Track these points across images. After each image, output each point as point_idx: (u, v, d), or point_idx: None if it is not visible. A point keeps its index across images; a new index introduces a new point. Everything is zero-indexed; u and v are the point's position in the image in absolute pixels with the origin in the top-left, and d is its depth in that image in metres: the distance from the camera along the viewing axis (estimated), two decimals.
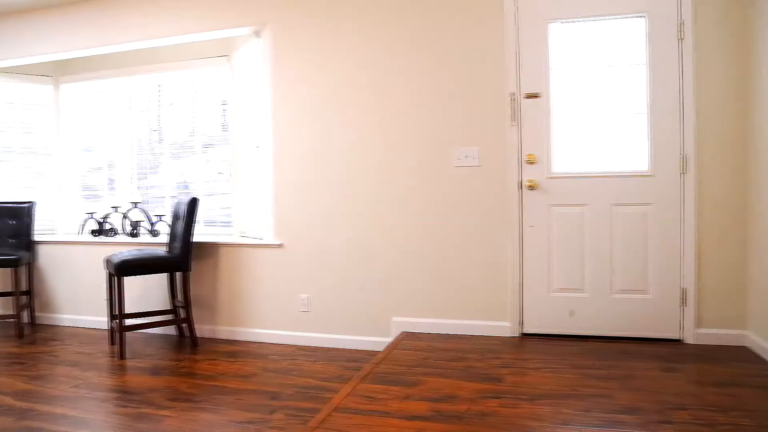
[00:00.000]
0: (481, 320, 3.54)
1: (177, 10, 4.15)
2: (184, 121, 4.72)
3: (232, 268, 4.06)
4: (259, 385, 3.04)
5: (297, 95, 3.86)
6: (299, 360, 3.50)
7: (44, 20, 4.61)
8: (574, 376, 2.75)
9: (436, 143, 3.58)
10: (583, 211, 3.40)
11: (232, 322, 4.07)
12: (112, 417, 2.66)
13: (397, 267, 3.67)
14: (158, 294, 4.32)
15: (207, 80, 4.61)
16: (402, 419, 2.30)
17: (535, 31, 3.42)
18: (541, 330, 3.48)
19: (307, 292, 3.85)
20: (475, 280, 3.54)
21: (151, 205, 4.84)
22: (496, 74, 3.47)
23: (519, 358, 3.08)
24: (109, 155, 5.00)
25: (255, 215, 4.21)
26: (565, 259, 3.43)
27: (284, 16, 3.87)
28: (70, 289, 4.64)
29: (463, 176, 3.54)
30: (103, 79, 4.94)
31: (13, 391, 3.02)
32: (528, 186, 3.46)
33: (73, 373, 3.33)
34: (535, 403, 2.43)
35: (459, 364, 2.98)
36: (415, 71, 3.61)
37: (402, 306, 3.67)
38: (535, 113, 3.44)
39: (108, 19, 4.39)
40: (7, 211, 4.69)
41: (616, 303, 3.36)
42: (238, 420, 2.58)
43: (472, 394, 2.56)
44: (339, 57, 3.76)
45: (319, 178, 3.82)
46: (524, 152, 3.46)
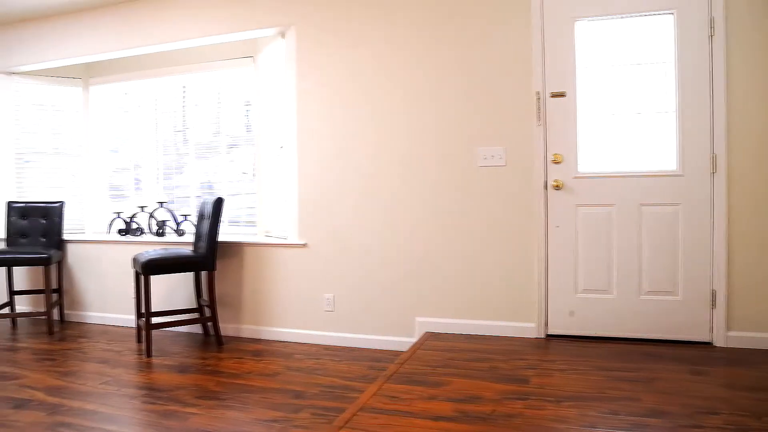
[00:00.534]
0: (506, 321, 3.52)
1: (204, 12, 4.20)
2: (208, 121, 4.77)
3: (257, 267, 4.09)
4: (284, 384, 3.06)
5: (321, 95, 3.88)
6: (324, 359, 3.52)
7: (74, 23, 4.71)
8: (600, 378, 2.72)
9: (460, 143, 3.57)
10: (610, 212, 3.36)
11: (257, 321, 4.10)
12: (140, 414, 2.70)
13: (421, 267, 3.67)
14: (184, 293, 4.37)
15: (231, 81, 4.65)
16: (427, 420, 2.29)
17: (562, 29, 3.39)
18: (567, 331, 3.45)
19: (331, 291, 3.87)
20: (499, 280, 3.52)
21: (176, 204, 4.90)
22: (521, 73, 3.45)
23: (544, 360, 3.05)
24: (135, 156, 5.08)
25: (279, 215, 4.24)
26: (591, 259, 3.39)
27: (309, 16, 3.89)
28: (98, 287, 4.73)
29: (488, 176, 3.52)
30: (130, 81, 5.02)
31: (44, 387, 3.09)
32: (554, 186, 3.42)
33: (102, 370, 3.39)
34: (560, 405, 2.41)
35: (483, 365, 2.97)
36: (439, 70, 3.60)
37: (426, 306, 3.66)
38: (561, 112, 3.40)
39: (136, 22, 4.46)
40: (39, 211, 4.80)
41: (643, 304, 3.31)
42: (264, 418, 2.60)
43: (497, 396, 2.54)
44: (363, 57, 3.76)
45: (343, 178, 3.83)
46: (550, 152, 3.43)
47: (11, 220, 4.75)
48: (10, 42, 4.98)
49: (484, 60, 3.51)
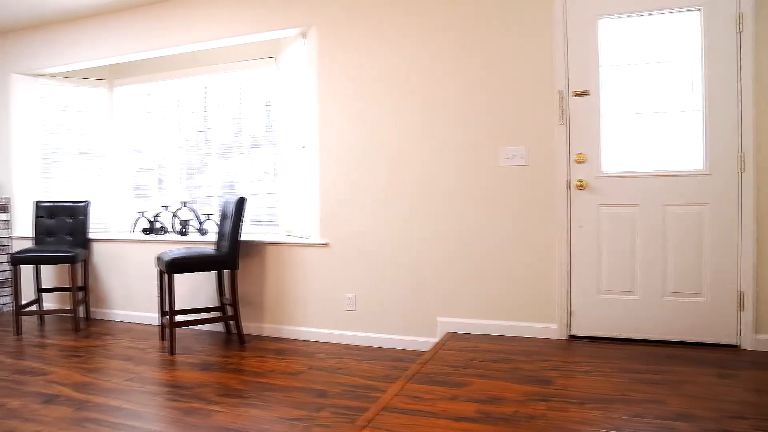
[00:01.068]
0: (528, 322, 3.50)
1: (226, 13, 4.24)
2: (230, 121, 4.81)
3: (279, 266, 4.11)
4: (307, 383, 3.08)
5: (343, 95, 3.88)
6: (345, 359, 3.53)
7: (98, 26, 4.78)
8: (624, 381, 2.69)
9: (482, 142, 3.55)
10: (634, 212, 3.31)
11: (279, 320, 4.12)
12: (164, 410, 2.73)
13: (443, 267, 3.66)
14: (207, 291, 4.42)
15: (253, 81, 4.68)
16: (449, 420, 2.29)
17: (585, 27, 3.35)
18: (589, 332, 3.41)
19: (352, 291, 3.88)
20: (521, 281, 3.50)
21: (198, 204, 4.95)
22: (543, 72, 3.42)
23: (567, 361, 3.02)
24: (158, 156, 5.14)
25: (300, 214, 4.26)
26: (614, 260, 3.35)
27: (330, 16, 3.90)
28: (123, 286, 4.80)
29: (510, 176, 3.50)
30: (153, 82, 5.08)
31: (71, 383, 3.14)
32: (577, 186, 3.39)
33: (126, 367, 3.44)
34: (584, 407, 2.39)
35: (506, 366, 2.95)
36: (461, 69, 3.58)
37: (447, 306, 3.65)
38: (584, 111, 3.37)
39: (159, 24, 4.52)
40: (65, 210, 4.88)
41: (668, 306, 3.26)
42: (287, 417, 2.61)
43: (520, 397, 2.53)
44: (385, 56, 3.76)
45: (365, 178, 3.84)
46: (573, 151, 3.39)
47: (39, 219, 4.84)
48: (37, 45, 5.08)
49: (507, 59, 3.49)
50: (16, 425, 2.56)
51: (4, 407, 2.78)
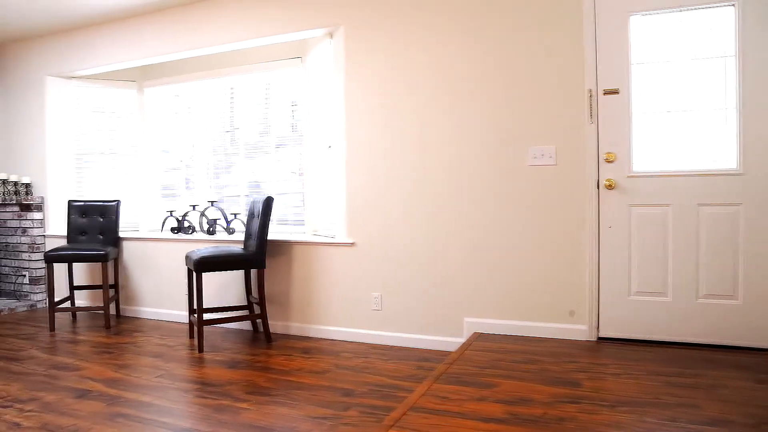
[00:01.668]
0: (556, 323, 3.46)
1: (254, 14, 4.28)
2: (256, 121, 4.85)
3: (305, 265, 4.14)
4: (333, 382, 3.09)
5: (369, 95, 3.89)
6: (371, 358, 3.53)
7: (130, 28, 4.86)
8: (656, 384, 2.64)
9: (510, 142, 3.52)
10: (665, 212, 3.25)
11: (305, 318, 4.15)
12: (194, 407, 2.76)
13: (470, 267, 3.64)
14: (234, 290, 4.46)
15: (279, 81, 4.72)
16: (477, 421, 2.27)
17: (615, 24, 3.30)
18: (619, 334, 3.36)
19: (378, 290, 3.88)
20: (549, 281, 3.46)
21: (225, 203, 5.00)
22: (573, 70, 3.38)
23: (596, 363, 2.98)
24: (186, 156, 5.21)
25: (327, 214, 4.28)
26: (645, 261, 3.30)
27: (357, 16, 3.91)
28: (152, 284, 4.87)
29: (538, 175, 3.46)
30: (181, 83, 5.15)
31: (103, 379, 3.20)
32: (606, 185, 3.34)
33: (156, 364, 3.49)
34: (615, 410, 2.35)
35: (533, 367, 2.92)
36: (489, 69, 3.56)
37: (474, 306, 3.63)
38: (614, 110, 3.32)
39: (188, 25, 4.58)
40: (97, 209, 4.98)
41: (701, 308, 3.20)
42: (314, 415, 2.63)
43: (549, 398, 2.50)
44: (411, 56, 3.76)
45: (391, 178, 3.83)
46: (602, 151, 3.35)
47: (71, 218, 4.95)
48: (70, 48, 5.19)
49: (535, 57, 3.45)
50: (52, 419, 2.61)
51: (40, 401, 2.85)
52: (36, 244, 5.36)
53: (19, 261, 5.44)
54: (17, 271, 5.47)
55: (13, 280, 5.50)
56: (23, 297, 5.44)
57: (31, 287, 5.38)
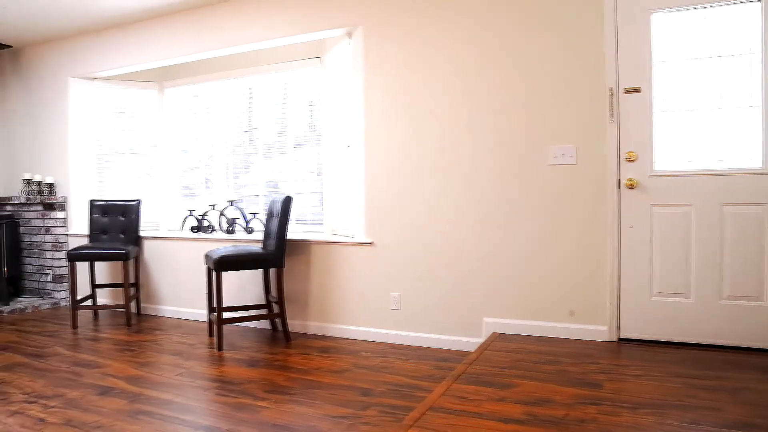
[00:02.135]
0: (575, 323, 3.43)
1: (272, 15, 4.30)
2: (274, 121, 4.88)
3: (324, 265, 4.15)
4: (352, 381, 3.10)
5: (388, 94, 3.89)
6: (390, 358, 3.53)
7: (151, 29, 4.92)
8: (678, 386, 2.61)
9: (529, 141, 3.50)
10: (688, 212, 3.21)
11: (324, 318, 4.16)
12: (214, 405, 2.79)
13: (489, 267, 3.62)
14: (253, 289, 4.49)
15: (298, 81, 4.74)
16: (496, 421, 2.26)
17: (637, 22, 3.26)
18: (640, 335, 3.32)
19: (397, 290, 3.88)
20: (569, 281, 3.43)
21: (244, 203, 5.03)
22: (593, 69, 3.34)
23: (617, 364, 2.95)
24: (204, 155, 5.25)
25: (345, 213, 4.28)
26: (667, 261, 3.25)
27: (375, 16, 3.91)
28: (172, 282, 4.92)
29: (558, 175, 3.43)
30: (200, 84, 5.20)
31: (125, 376, 3.24)
32: (627, 185, 3.31)
33: (176, 362, 3.53)
34: (637, 412, 2.33)
35: (553, 368, 2.90)
36: (508, 67, 3.54)
37: (493, 306, 3.61)
38: (636, 109, 3.28)
39: (208, 26, 4.61)
40: (118, 209, 5.04)
41: (724, 310, 3.15)
42: (333, 414, 2.63)
43: (569, 399, 2.48)
44: (430, 55, 3.75)
45: (410, 177, 3.83)
46: (623, 150, 3.31)
47: (93, 217, 5.01)
48: (92, 49, 5.26)
49: (555, 56, 3.42)
50: (76, 415, 2.65)
51: (64, 397, 2.90)
52: (59, 242, 5.45)
53: (43, 259, 5.53)
54: (41, 269, 5.56)
55: (36, 278, 5.59)
56: (47, 295, 5.53)
57: (54, 285, 5.47)
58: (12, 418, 2.63)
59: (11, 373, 3.32)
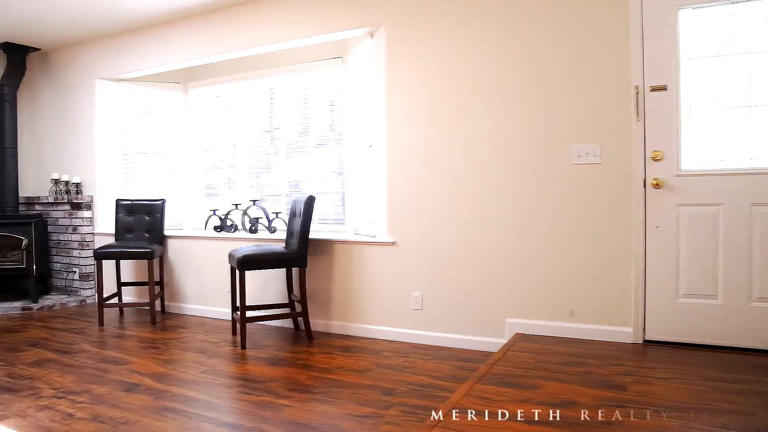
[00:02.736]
0: (599, 324, 3.39)
1: (294, 15, 4.32)
2: (295, 121, 4.90)
3: (346, 264, 4.16)
4: (374, 381, 3.10)
5: (410, 94, 3.88)
6: (412, 357, 3.53)
7: (175, 31, 4.98)
8: (706, 389, 2.56)
9: (553, 140, 3.46)
10: (716, 212, 3.15)
11: (346, 317, 4.17)
12: (237, 403, 2.81)
13: (512, 267, 3.59)
14: (276, 288, 4.52)
15: (319, 81, 4.75)
16: (521, 423, 2.25)
17: (663, 18, 3.21)
18: (666, 337, 3.27)
19: (419, 290, 3.87)
20: (593, 282, 3.39)
21: (266, 202, 5.07)
22: (618, 67, 3.30)
23: (642, 366, 2.91)
24: (227, 155, 5.30)
25: (367, 213, 4.29)
26: (694, 262, 3.20)
27: (398, 16, 3.91)
28: (196, 281, 4.97)
29: (583, 174, 3.40)
30: (223, 84, 5.24)
31: (150, 373, 3.28)
32: (653, 184, 3.26)
33: (200, 360, 3.56)
34: (663, 415, 2.29)
35: (577, 369, 2.87)
36: (532, 66, 3.51)
37: (516, 307, 3.59)
38: (662, 107, 3.23)
39: (231, 27, 4.65)
40: (143, 208, 5.11)
41: (755, 312, 3.08)
42: (355, 414, 2.64)
43: (594, 402, 2.45)
44: (452, 54, 3.73)
45: (432, 177, 3.82)
46: (649, 149, 3.26)
47: (119, 216, 5.09)
48: (118, 51, 5.34)
49: (579, 54, 3.39)
50: (103, 411, 2.70)
51: (91, 393, 2.94)
52: (85, 241, 5.54)
53: (70, 258, 5.63)
54: (68, 267, 5.66)
55: (64, 276, 5.70)
56: (74, 292, 5.63)
57: (81, 283, 5.56)
58: (42, 412, 2.68)
59: (41, 368, 3.39)
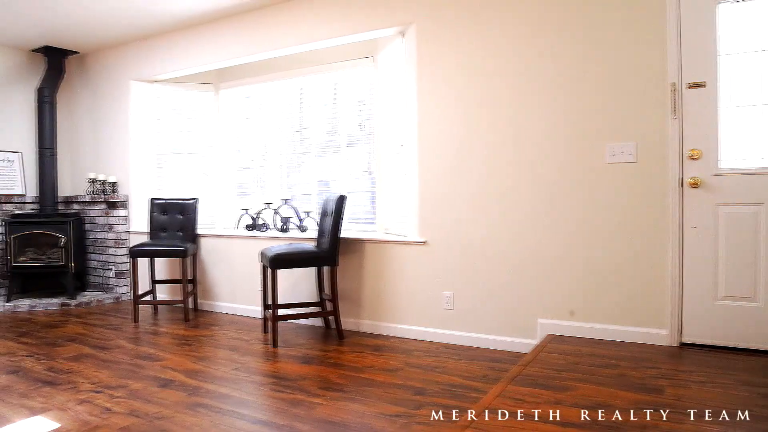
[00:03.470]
0: (634, 326, 3.33)
1: (326, 15, 4.34)
2: (325, 121, 4.92)
3: (377, 263, 4.17)
4: (405, 380, 3.10)
5: (441, 93, 3.87)
6: (442, 357, 3.52)
7: (208, 32, 5.05)
8: (746, 394, 2.49)
9: (587, 138, 3.41)
10: (756, 212, 3.06)
11: (376, 316, 4.18)
12: (270, 400, 2.84)
13: (544, 267, 3.55)
14: (306, 286, 4.55)
15: (348, 81, 4.77)
16: (554, 425, 2.22)
17: (701, 13, 3.14)
18: (704, 340, 3.20)
19: (450, 289, 3.85)
20: (627, 283, 3.34)
21: (296, 201, 5.10)
22: (654, 63, 3.23)
23: (679, 370, 2.85)
24: (257, 155, 5.35)
25: (398, 212, 4.29)
26: (734, 263, 3.12)
27: (428, 15, 3.90)
28: (228, 279, 5.04)
29: (617, 173, 3.34)
30: (254, 84, 5.30)
31: (184, 370, 3.34)
32: (690, 184, 3.19)
33: (232, 357, 3.61)
34: (701, 421, 2.24)
35: (611, 372, 2.82)
36: (565, 64, 3.46)
37: (548, 308, 3.55)
38: (700, 104, 3.16)
39: (262, 28, 4.70)
40: (176, 207, 5.20)
41: None
42: (387, 413, 2.64)
43: (629, 405, 2.41)
44: (484, 52, 3.71)
45: (464, 176, 3.80)
46: (686, 147, 3.19)
47: (153, 215, 5.19)
48: (152, 53, 5.44)
49: (614, 50, 3.33)
50: (139, 406, 2.75)
51: (127, 388, 3.01)
52: (121, 239, 5.66)
53: (106, 255, 5.76)
54: (104, 265, 5.79)
55: (100, 273, 5.83)
56: (109, 289, 5.75)
57: (116, 280, 5.68)
58: (81, 406, 2.75)
59: (79, 363, 3.48)
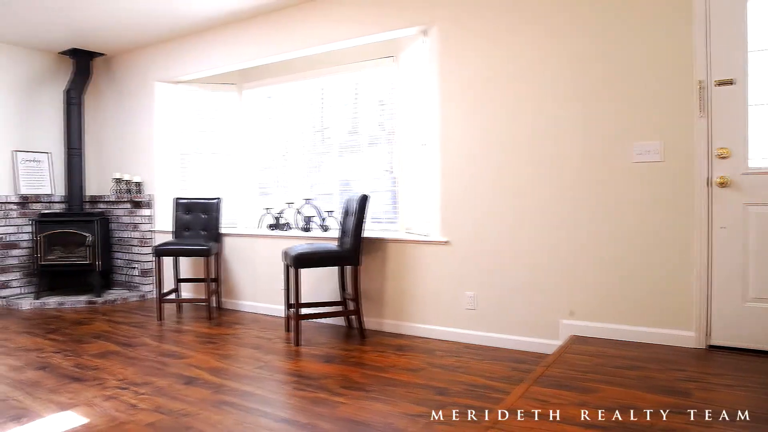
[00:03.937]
0: (660, 328, 3.28)
1: (348, 15, 4.35)
2: (346, 120, 4.93)
3: (399, 263, 4.17)
4: (427, 380, 3.09)
5: (464, 93, 3.85)
6: (465, 357, 3.50)
7: (230, 34, 5.09)
8: None
9: (612, 138, 3.37)
10: None
11: (398, 316, 4.18)
12: (292, 399, 2.85)
13: (568, 267, 3.52)
14: (328, 286, 4.57)
15: (369, 81, 4.77)
16: (578, 426, 2.20)
17: (730, 10, 3.08)
18: (732, 343, 3.14)
19: (473, 289, 3.84)
20: (654, 284, 3.29)
21: (318, 201, 5.12)
22: (681, 60, 3.18)
23: (706, 372, 2.80)
24: (278, 155, 5.38)
25: (420, 212, 4.28)
26: (764, 265, 3.05)
27: (451, 14, 3.88)
28: (250, 278, 5.08)
29: (643, 172, 3.29)
30: (276, 85, 5.33)
31: (208, 367, 3.37)
32: (719, 183, 3.13)
33: (255, 355, 3.64)
34: (730, 425, 2.20)
35: (637, 374, 2.79)
36: (589, 61, 3.42)
37: (571, 308, 3.51)
38: (728, 102, 3.10)
39: (285, 29, 4.73)
40: (200, 207, 5.26)
41: None
42: (409, 413, 2.64)
43: (655, 407, 2.37)
44: (507, 51, 3.68)
45: (487, 176, 3.78)
46: (714, 146, 3.13)
47: (177, 214, 5.25)
48: (176, 55, 5.51)
49: (640, 47, 3.28)
50: (164, 402, 2.79)
51: (152, 385, 3.05)
52: (145, 238, 5.74)
53: (131, 254, 5.84)
54: (129, 263, 5.88)
55: (125, 271, 5.92)
56: (134, 288, 5.84)
57: (141, 279, 5.77)
58: (108, 402, 2.80)
59: (105, 360, 3.53)
